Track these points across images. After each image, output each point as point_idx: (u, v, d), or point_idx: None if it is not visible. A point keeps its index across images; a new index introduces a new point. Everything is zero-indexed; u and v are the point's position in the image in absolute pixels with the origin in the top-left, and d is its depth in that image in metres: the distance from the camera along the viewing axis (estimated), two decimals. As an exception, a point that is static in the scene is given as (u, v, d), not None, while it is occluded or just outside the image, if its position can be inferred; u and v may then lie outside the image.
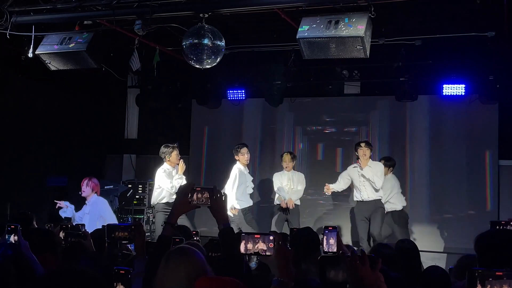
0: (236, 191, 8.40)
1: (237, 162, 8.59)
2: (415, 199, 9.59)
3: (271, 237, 2.59)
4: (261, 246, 2.58)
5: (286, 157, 9.01)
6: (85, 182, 7.83)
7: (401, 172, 9.77)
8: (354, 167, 8.44)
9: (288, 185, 8.91)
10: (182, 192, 3.16)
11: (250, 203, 8.74)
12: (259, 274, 3.56)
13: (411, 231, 9.05)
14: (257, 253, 2.61)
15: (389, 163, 8.79)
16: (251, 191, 8.81)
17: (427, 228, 8.46)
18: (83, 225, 5.19)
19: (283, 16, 6.77)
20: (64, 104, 10.21)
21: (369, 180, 8.14)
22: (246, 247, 2.61)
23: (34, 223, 5.93)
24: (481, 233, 2.94)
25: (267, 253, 2.57)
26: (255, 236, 2.61)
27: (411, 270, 4.08)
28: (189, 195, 3.10)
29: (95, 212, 7.65)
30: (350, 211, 9.22)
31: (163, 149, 8.43)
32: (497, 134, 9.45)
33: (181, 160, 8.49)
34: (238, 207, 8.37)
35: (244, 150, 8.60)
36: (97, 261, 3.69)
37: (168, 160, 8.41)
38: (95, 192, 7.80)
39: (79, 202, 8.05)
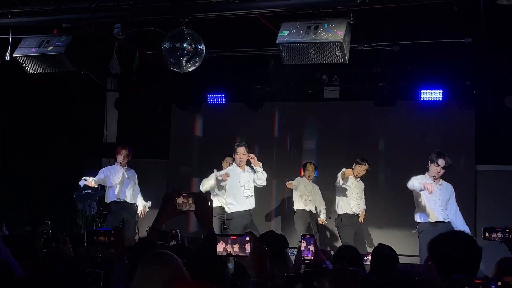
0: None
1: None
2: (391, 203, 9.65)
3: (247, 238, 2.58)
4: (237, 247, 2.58)
5: (310, 167, 9.19)
6: (126, 151, 8.46)
7: (378, 176, 9.85)
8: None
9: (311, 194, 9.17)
10: (167, 198, 3.14)
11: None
12: (236, 276, 3.55)
13: (388, 235, 9.13)
14: (233, 255, 2.61)
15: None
16: (246, 193, 7.88)
17: (403, 232, 8.50)
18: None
19: (263, 21, 6.80)
20: (42, 108, 10.10)
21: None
22: (222, 248, 2.61)
23: (4, 229, 5.87)
24: (432, 238, 2.93)
25: (244, 254, 2.57)
26: (232, 237, 2.61)
27: (389, 277, 4.11)
28: (175, 201, 3.09)
29: (134, 178, 8.59)
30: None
31: None
32: (474, 139, 9.56)
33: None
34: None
35: (239, 149, 7.72)
36: (75, 266, 3.67)
37: None
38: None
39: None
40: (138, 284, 2.69)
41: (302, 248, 3.26)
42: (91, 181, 8.33)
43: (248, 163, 7.83)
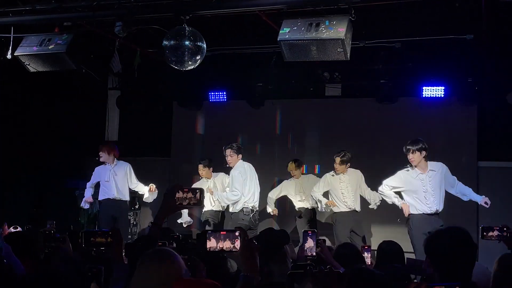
0: None
1: None
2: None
3: (237, 233, 2.60)
4: (227, 242, 2.60)
5: (291, 166, 9.16)
6: (102, 150, 8.56)
7: (379, 173, 9.84)
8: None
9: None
10: (169, 194, 3.15)
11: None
12: (237, 274, 3.55)
13: (390, 232, 9.10)
14: (223, 250, 2.62)
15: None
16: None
17: (404, 229, 8.52)
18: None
19: (264, 18, 6.79)
20: (43, 106, 10.11)
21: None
22: (212, 244, 2.62)
23: (6, 226, 5.88)
24: (429, 235, 2.92)
25: (233, 250, 2.59)
26: (221, 233, 2.63)
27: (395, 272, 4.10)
28: (176, 196, 3.10)
29: (124, 173, 8.56)
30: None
31: None
32: (476, 136, 9.56)
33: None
34: None
35: (226, 152, 8.27)
36: (75, 264, 3.67)
37: None
38: (115, 157, 8.62)
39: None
40: (137, 281, 2.68)
41: (304, 245, 3.26)
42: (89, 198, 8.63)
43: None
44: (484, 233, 4.12)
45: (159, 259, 2.70)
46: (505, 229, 4.08)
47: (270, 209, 9.18)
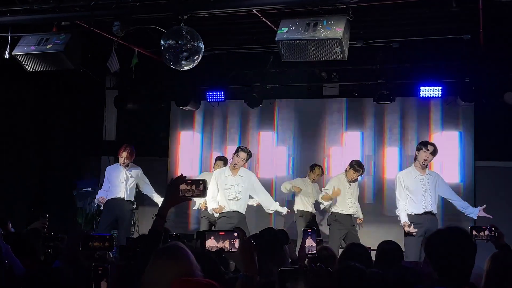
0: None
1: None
2: (391, 200, 9.65)
3: (236, 234, 2.61)
4: (226, 243, 2.61)
5: (318, 170, 9.18)
6: (126, 154, 8.34)
7: (378, 174, 9.85)
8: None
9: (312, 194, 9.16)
10: (172, 185, 3.15)
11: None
12: (235, 274, 3.56)
13: (388, 234, 9.11)
14: (222, 250, 2.62)
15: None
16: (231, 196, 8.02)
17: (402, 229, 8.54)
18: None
19: (262, 18, 6.80)
20: (41, 106, 10.11)
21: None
22: (211, 244, 2.63)
23: (10, 226, 5.87)
24: (429, 235, 2.95)
25: (233, 250, 2.60)
26: (220, 233, 2.64)
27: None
28: (179, 187, 3.10)
29: (137, 176, 8.49)
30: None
31: None
32: (473, 136, 9.58)
33: None
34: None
35: (241, 154, 7.90)
36: (73, 264, 3.68)
37: None
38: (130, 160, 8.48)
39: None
40: (150, 276, 2.66)
41: (306, 243, 3.26)
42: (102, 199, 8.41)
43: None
44: (474, 233, 4.19)
45: (174, 255, 2.68)
46: (493, 229, 4.16)
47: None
